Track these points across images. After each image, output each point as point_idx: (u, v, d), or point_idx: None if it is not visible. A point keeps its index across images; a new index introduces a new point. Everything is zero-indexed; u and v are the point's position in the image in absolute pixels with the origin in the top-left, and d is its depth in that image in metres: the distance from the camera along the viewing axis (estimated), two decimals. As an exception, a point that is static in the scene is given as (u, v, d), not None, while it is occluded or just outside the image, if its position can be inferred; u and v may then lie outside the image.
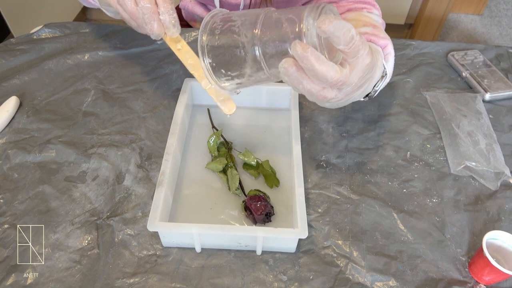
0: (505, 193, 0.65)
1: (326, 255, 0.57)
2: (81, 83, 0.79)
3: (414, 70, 0.85)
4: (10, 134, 0.70)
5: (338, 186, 0.65)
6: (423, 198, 0.64)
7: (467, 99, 0.78)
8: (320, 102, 0.50)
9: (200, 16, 0.96)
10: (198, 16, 0.97)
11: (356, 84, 0.47)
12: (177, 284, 0.53)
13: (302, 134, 0.72)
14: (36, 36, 0.89)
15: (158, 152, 0.68)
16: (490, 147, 0.69)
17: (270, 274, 0.55)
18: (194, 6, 0.93)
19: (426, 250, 0.58)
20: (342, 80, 0.44)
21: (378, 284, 0.54)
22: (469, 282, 0.55)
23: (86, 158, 0.66)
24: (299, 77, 0.45)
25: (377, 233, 0.59)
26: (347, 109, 0.77)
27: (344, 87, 0.46)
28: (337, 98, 0.48)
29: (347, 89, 0.47)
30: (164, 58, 0.85)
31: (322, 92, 0.46)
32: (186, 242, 0.56)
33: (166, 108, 0.75)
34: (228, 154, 0.67)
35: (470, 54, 0.87)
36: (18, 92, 0.76)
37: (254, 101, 0.75)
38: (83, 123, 0.72)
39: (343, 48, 0.42)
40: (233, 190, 0.62)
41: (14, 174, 0.64)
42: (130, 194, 0.63)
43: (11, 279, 0.53)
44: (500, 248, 0.55)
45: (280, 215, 0.61)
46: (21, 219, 0.59)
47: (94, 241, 0.57)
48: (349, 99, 0.50)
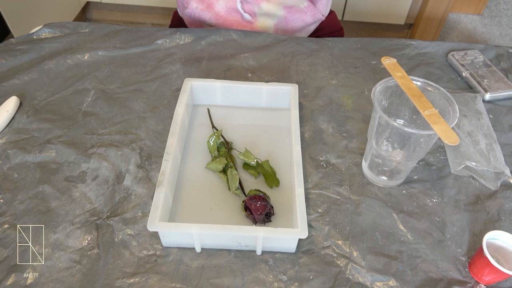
0: (505, 193, 0.65)
1: (326, 255, 0.57)
2: (81, 83, 0.79)
3: (414, 70, 0.85)
4: (10, 134, 0.70)
5: (338, 186, 0.65)
6: (423, 198, 0.64)
7: (467, 99, 0.78)
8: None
9: (208, 22, 0.96)
10: (205, 23, 0.97)
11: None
12: (177, 284, 0.53)
13: (302, 134, 0.72)
14: (36, 36, 0.89)
15: (158, 152, 0.68)
16: (490, 147, 0.69)
17: (270, 274, 0.55)
18: (201, 13, 0.93)
19: (426, 250, 0.58)
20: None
21: (378, 284, 0.54)
22: (469, 282, 0.55)
23: (86, 158, 0.66)
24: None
25: (377, 233, 0.59)
26: (347, 109, 0.77)
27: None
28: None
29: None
30: (164, 58, 0.85)
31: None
32: (186, 242, 0.56)
33: (166, 108, 0.75)
34: (228, 154, 0.67)
35: (470, 54, 0.87)
36: (18, 92, 0.76)
37: (254, 101, 0.75)
38: (83, 123, 0.72)
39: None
40: (233, 190, 0.62)
41: (14, 174, 0.64)
42: (130, 194, 0.63)
43: (11, 279, 0.53)
44: (500, 248, 0.55)
45: (280, 215, 0.61)
46: (21, 219, 0.59)
47: (94, 241, 0.57)
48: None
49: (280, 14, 0.93)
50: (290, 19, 0.94)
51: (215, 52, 0.87)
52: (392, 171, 0.63)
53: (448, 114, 0.56)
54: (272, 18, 0.94)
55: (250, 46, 0.89)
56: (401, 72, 0.59)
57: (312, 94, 0.79)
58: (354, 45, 0.90)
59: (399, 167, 0.63)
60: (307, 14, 0.93)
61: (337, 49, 0.89)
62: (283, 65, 0.85)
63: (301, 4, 0.92)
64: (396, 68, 0.60)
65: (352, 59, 0.87)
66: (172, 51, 0.87)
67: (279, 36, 0.91)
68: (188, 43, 0.89)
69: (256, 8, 0.92)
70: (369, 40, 0.91)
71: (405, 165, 0.62)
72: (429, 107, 0.55)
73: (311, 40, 0.91)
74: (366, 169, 0.66)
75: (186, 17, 0.99)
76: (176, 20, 1.08)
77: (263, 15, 0.93)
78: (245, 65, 0.84)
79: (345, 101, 0.78)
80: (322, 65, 0.85)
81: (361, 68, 0.85)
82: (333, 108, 0.77)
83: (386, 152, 0.61)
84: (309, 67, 0.85)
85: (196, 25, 1.00)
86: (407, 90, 0.57)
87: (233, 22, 0.95)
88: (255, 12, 0.93)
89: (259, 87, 0.73)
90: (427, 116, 0.54)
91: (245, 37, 0.90)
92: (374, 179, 0.65)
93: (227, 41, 0.89)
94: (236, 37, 0.90)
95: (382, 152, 0.61)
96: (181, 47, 0.88)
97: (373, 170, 0.65)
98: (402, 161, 0.61)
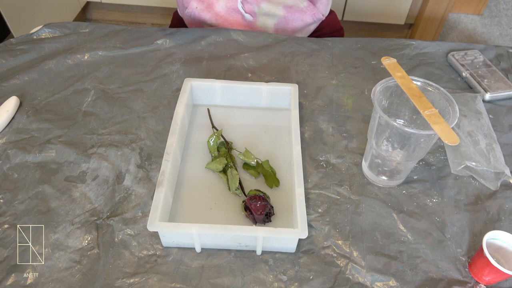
0: (505, 193, 0.65)
1: (326, 255, 0.57)
2: (81, 83, 0.79)
3: (414, 70, 0.85)
4: (10, 134, 0.70)
5: (338, 186, 0.65)
6: (423, 198, 0.64)
7: (467, 99, 0.78)
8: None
9: (208, 22, 0.96)
10: (205, 23, 0.97)
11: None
12: (177, 284, 0.53)
13: (302, 134, 0.72)
14: (36, 36, 0.89)
15: (158, 152, 0.68)
16: (490, 147, 0.69)
17: (270, 274, 0.55)
18: (201, 13, 0.93)
19: (426, 250, 0.58)
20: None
21: (378, 284, 0.54)
22: (469, 282, 0.55)
23: (86, 158, 0.66)
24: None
25: (377, 233, 0.59)
26: (347, 109, 0.77)
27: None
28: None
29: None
30: (164, 58, 0.85)
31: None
32: (186, 242, 0.56)
33: (166, 108, 0.75)
34: (228, 154, 0.67)
35: (470, 54, 0.87)
36: (18, 92, 0.76)
37: (254, 101, 0.75)
38: (83, 123, 0.72)
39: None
40: (233, 190, 0.62)
41: (14, 174, 0.64)
42: (130, 194, 0.63)
43: (11, 279, 0.53)
44: (500, 248, 0.54)
45: (280, 215, 0.61)
46: (21, 219, 0.59)
47: (94, 241, 0.57)
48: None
49: (280, 14, 0.93)
50: (290, 18, 0.94)
51: (215, 52, 0.87)
52: (392, 171, 0.63)
53: (448, 114, 0.56)
54: (272, 18, 0.94)
55: (250, 46, 0.89)
56: (401, 72, 0.59)
57: (312, 94, 0.79)
58: (354, 45, 0.90)
59: (399, 167, 0.63)
60: (307, 14, 0.93)
61: (337, 49, 0.89)
62: (283, 65, 0.85)
63: (300, 3, 0.92)
64: (396, 68, 0.60)
65: (352, 59, 0.87)
66: (172, 51, 0.87)
67: (279, 36, 0.92)
68: (188, 43, 0.89)
69: (256, 8, 0.92)
70: (369, 40, 0.91)
71: (405, 165, 0.62)
72: (429, 107, 0.55)
73: (311, 40, 0.91)
74: (366, 169, 0.66)
75: (186, 17, 0.99)
76: (176, 20, 1.08)
77: (263, 15, 0.93)
78: (245, 65, 0.84)
79: (345, 101, 0.78)
80: (322, 65, 0.85)
81: (361, 68, 0.85)
82: (333, 108, 0.77)
83: (386, 152, 0.61)
84: (309, 67, 0.85)
85: (196, 25, 1.00)
86: (407, 90, 0.57)
87: (233, 22, 0.95)
88: (255, 12, 0.93)
89: (259, 87, 0.73)
90: (427, 116, 0.54)
91: (245, 37, 0.90)
92: (374, 179, 0.65)
93: (227, 41, 0.89)
94: (236, 37, 0.90)
95: (382, 152, 0.61)
96: (181, 47, 0.88)
97: (373, 170, 0.65)
98: (402, 161, 0.61)
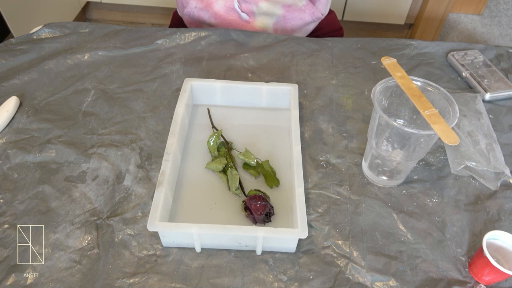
0: (505, 193, 0.65)
1: (326, 255, 0.57)
2: (81, 83, 0.79)
3: (414, 70, 0.85)
4: (10, 134, 0.70)
5: (338, 186, 0.65)
6: (423, 198, 0.64)
7: (467, 99, 0.78)
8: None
9: (207, 22, 0.96)
10: (204, 22, 0.97)
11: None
12: (177, 284, 0.53)
13: (302, 134, 0.72)
14: (36, 36, 0.89)
15: (158, 152, 0.68)
16: (490, 147, 0.69)
17: (270, 274, 0.55)
18: (200, 12, 0.93)
19: (426, 250, 0.58)
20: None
21: (378, 284, 0.54)
22: (469, 282, 0.55)
23: (86, 158, 0.66)
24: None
25: (377, 233, 0.59)
26: (347, 109, 0.77)
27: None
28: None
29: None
30: (164, 58, 0.85)
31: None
32: (186, 242, 0.56)
33: (166, 108, 0.75)
34: (228, 154, 0.67)
35: (470, 54, 0.87)
36: (18, 92, 0.76)
37: (254, 101, 0.75)
38: (83, 123, 0.72)
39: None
40: (233, 190, 0.62)
41: (14, 174, 0.64)
42: (130, 194, 0.63)
43: (11, 279, 0.53)
44: (500, 248, 0.54)
45: (280, 215, 0.61)
46: (21, 219, 0.59)
47: (94, 241, 0.57)
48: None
49: (279, 13, 0.93)
50: (289, 18, 0.94)
51: (215, 52, 0.87)
52: (392, 171, 0.63)
53: (448, 114, 0.56)
54: (271, 17, 0.94)
55: (250, 46, 0.89)
56: (401, 72, 0.59)
57: (312, 94, 0.79)
58: (354, 45, 0.90)
59: (399, 167, 0.63)
60: (306, 13, 0.94)
61: (337, 49, 0.89)
62: (283, 65, 0.85)
63: (299, 2, 0.92)
64: (396, 68, 0.60)
65: (352, 59, 0.87)
66: (172, 51, 0.87)
67: (279, 36, 0.92)
68: (188, 43, 0.89)
69: (254, 7, 0.92)
70: (369, 40, 0.91)
71: (405, 165, 0.62)
72: (429, 107, 0.55)
73: (311, 40, 0.91)
74: (366, 169, 0.66)
75: (186, 17, 0.99)
76: (176, 20, 1.08)
77: (261, 14, 0.93)
78: (245, 65, 0.84)
79: (345, 101, 0.78)
80: (322, 65, 0.85)
81: (361, 68, 0.85)
82: (333, 108, 0.77)
83: (386, 152, 0.61)
84: (309, 67, 0.85)
85: (195, 25, 1.00)
86: (407, 90, 0.57)
87: (232, 21, 0.95)
88: (253, 11, 0.93)
89: (259, 87, 0.73)
90: (427, 116, 0.54)
91: (245, 37, 0.90)
92: (374, 179, 0.65)
93: (227, 41, 0.89)
94: (236, 37, 0.90)
95: (382, 152, 0.61)
96: (181, 47, 0.88)
97: (373, 170, 0.65)
98: (402, 161, 0.61)
